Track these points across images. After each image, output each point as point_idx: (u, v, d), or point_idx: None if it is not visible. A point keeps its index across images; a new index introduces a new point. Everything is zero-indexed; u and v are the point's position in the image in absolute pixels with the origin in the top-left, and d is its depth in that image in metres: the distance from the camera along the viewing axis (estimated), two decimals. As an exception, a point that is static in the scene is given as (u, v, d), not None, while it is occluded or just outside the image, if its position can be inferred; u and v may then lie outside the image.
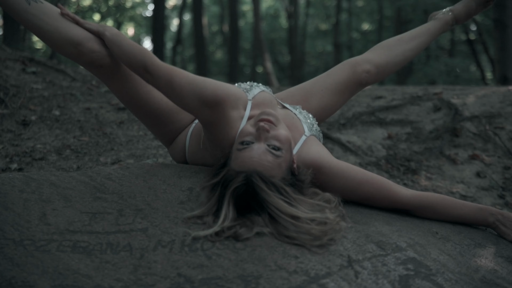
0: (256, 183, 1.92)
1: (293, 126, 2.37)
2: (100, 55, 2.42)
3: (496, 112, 4.86)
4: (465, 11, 3.12)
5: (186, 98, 2.23)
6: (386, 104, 5.41)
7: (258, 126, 2.09)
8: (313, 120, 2.53)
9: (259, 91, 2.46)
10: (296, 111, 2.52)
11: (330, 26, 24.78)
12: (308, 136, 2.38)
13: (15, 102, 4.33)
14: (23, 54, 5.86)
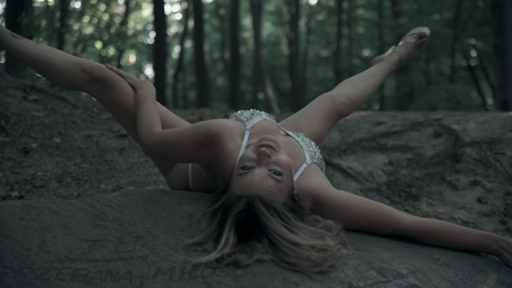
0: (257, 207, 1.92)
1: (294, 153, 2.37)
2: (101, 68, 2.61)
3: (497, 138, 4.87)
4: (406, 52, 3.56)
5: (182, 147, 2.32)
6: (387, 130, 5.41)
7: (259, 151, 2.10)
8: (315, 148, 2.52)
9: (260, 120, 2.48)
10: (299, 138, 2.52)
11: (331, 52, 24.88)
12: (309, 164, 2.37)
13: (16, 130, 4.33)
14: (25, 82, 5.88)
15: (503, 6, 8.66)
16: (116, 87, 2.60)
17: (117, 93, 2.60)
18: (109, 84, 2.60)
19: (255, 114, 2.54)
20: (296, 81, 21.72)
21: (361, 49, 25.75)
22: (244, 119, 2.49)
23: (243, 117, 2.50)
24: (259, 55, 16.04)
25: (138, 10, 24.45)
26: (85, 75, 2.60)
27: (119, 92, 2.60)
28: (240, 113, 2.58)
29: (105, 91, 2.60)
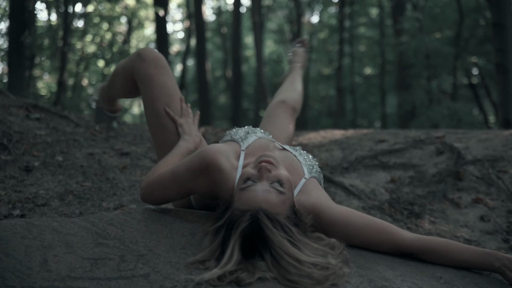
0: (262, 220, 1.92)
1: (292, 168, 2.37)
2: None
3: (499, 155, 4.87)
4: (301, 58, 4.05)
5: (180, 180, 2.31)
6: (388, 147, 5.41)
7: (259, 166, 2.10)
8: (313, 161, 2.53)
9: (255, 139, 2.48)
10: (296, 152, 2.53)
11: (332, 70, 24.92)
12: (308, 179, 2.38)
13: (18, 148, 4.34)
14: (27, 101, 5.90)
15: (504, 24, 8.69)
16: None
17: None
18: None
19: (250, 132, 2.54)
20: (298, 99, 21.71)
21: (363, 67, 25.82)
22: (238, 139, 2.48)
23: (237, 137, 2.50)
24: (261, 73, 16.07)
25: (140, 29, 24.54)
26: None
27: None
28: (235, 131, 2.58)
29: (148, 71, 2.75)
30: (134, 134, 5.89)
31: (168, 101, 2.71)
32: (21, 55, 11.01)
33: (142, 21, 22.54)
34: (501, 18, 8.74)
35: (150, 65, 2.72)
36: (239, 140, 2.48)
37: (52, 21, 17.17)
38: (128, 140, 5.48)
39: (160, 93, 2.71)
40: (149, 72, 2.71)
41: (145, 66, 2.72)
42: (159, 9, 16.54)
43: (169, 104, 2.70)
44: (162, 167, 2.41)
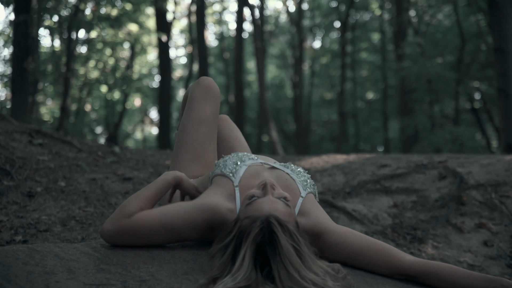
0: (274, 224, 1.92)
1: (288, 188, 2.38)
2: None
3: (501, 180, 4.86)
4: None
5: (173, 231, 2.26)
6: (391, 172, 5.41)
7: (263, 185, 2.13)
8: (305, 175, 2.53)
9: (245, 169, 2.46)
10: (288, 169, 2.52)
11: (335, 95, 25.01)
12: (305, 197, 2.38)
13: (21, 174, 4.35)
14: (30, 126, 5.91)
15: (505, 49, 8.72)
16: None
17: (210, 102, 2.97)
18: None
19: (238, 163, 2.49)
20: (300, 124, 21.80)
21: (365, 92, 25.90)
22: (229, 173, 2.43)
23: (228, 171, 2.45)
24: (263, 98, 16.12)
25: (143, 54, 24.68)
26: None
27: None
28: (223, 164, 2.51)
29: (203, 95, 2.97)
30: (137, 159, 5.90)
31: (199, 126, 2.89)
32: (25, 81, 11.07)
33: (145, 47, 22.68)
34: (502, 43, 8.78)
35: (201, 89, 2.95)
36: (229, 175, 2.42)
37: (56, 47, 17.28)
38: (131, 165, 5.48)
39: (195, 116, 2.90)
40: (197, 94, 2.95)
41: (197, 88, 2.96)
42: (162, 34, 16.65)
43: (197, 129, 2.87)
44: (133, 204, 2.26)
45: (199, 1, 18.65)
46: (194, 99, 2.93)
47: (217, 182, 2.42)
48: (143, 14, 19.61)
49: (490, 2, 8.83)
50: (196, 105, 2.90)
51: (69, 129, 15.52)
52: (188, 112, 2.92)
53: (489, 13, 9.20)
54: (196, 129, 2.86)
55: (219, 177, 2.45)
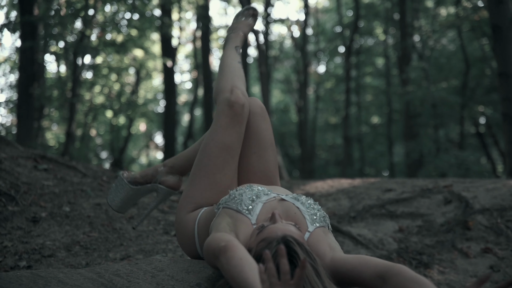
0: (291, 241, 1.93)
1: (295, 222, 2.36)
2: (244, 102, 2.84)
3: (507, 205, 4.84)
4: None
5: None
6: (396, 196, 5.40)
7: (271, 215, 2.14)
8: (316, 207, 2.50)
9: (261, 207, 2.42)
10: (298, 202, 2.49)
11: (339, 119, 25.01)
12: (312, 231, 2.34)
13: (26, 199, 4.35)
14: (35, 152, 5.93)
15: (510, 74, 8.73)
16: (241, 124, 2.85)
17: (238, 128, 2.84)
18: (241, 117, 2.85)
19: (254, 199, 2.45)
20: (305, 148, 21.80)
21: (370, 116, 25.90)
22: (245, 211, 2.38)
23: (244, 209, 2.40)
24: (268, 122, 16.12)
25: (148, 80, 24.78)
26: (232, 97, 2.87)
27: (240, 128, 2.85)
28: (239, 199, 2.46)
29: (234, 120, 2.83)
30: (142, 184, 5.89)
31: (222, 152, 2.77)
32: (30, 106, 11.11)
33: (150, 72, 22.78)
34: (507, 68, 8.78)
35: (231, 115, 2.80)
36: (246, 213, 2.37)
37: (62, 73, 17.38)
38: (135, 190, 5.48)
39: (220, 140, 2.78)
40: (225, 118, 2.81)
41: (227, 111, 2.81)
42: (167, 60, 16.73)
43: (220, 154, 2.76)
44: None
45: (204, 27, 18.76)
46: (221, 123, 2.81)
47: (234, 217, 2.37)
48: (149, 40, 19.71)
49: (494, 27, 8.85)
50: (223, 130, 2.79)
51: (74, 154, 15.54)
52: (213, 133, 2.81)
53: (493, 38, 9.21)
54: (218, 154, 2.76)
55: (234, 212, 2.40)
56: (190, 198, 2.75)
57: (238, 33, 3.42)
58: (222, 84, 2.98)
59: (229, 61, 3.18)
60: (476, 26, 15.63)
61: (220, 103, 2.86)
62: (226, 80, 3.00)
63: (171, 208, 4.97)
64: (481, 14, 15.17)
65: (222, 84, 2.99)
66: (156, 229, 4.29)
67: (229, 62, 3.17)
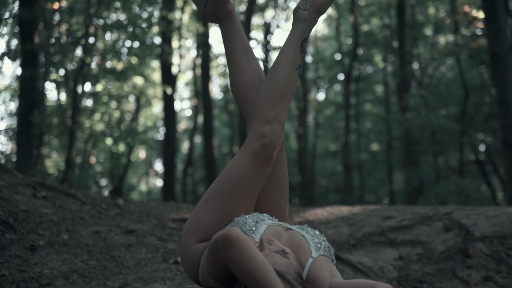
0: None
1: (300, 249, 2.35)
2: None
3: (507, 232, 4.82)
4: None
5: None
6: (396, 224, 5.38)
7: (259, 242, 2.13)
8: (321, 238, 2.50)
9: (265, 228, 2.43)
10: (303, 231, 2.50)
11: (339, 146, 25.06)
12: (316, 257, 2.35)
13: (24, 227, 4.34)
14: (34, 179, 5.92)
15: (509, 101, 8.75)
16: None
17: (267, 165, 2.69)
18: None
19: (258, 221, 2.47)
20: (305, 175, 21.80)
21: (370, 143, 25.96)
22: (249, 231, 2.41)
23: (248, 229, 2.42)
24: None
25: (148, 107, 24.86)
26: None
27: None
28: (243, 221, 2.48)
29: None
30: (140, 211, 5.89)
31: (246, 187, 2.65)
32: (30, 134, 11.12)
33: (150, 99, 22.86)
34: (506, 95, 8.80)
35: (265, 158, 2.67)
36: (250, 233, 2.39)
37: (62, 101, 17.43)
38: (134, 218, 5.47)
39: (247, 177, 2.65)
40: (259, 160, 2.66)
41: (263, 154, 2.66)
42: (167, 87, 16.79)
43: (241, 188, 2.64)
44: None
45: (204, 54, 18.87)
46: (256, 162, 2.65)
47: None
48: (149, 67, 19.82)
49: (493, 55, 8.88)
50: (252, 168, 2.64)
51: (74, 181, 15.54)
52: (243, 169, 2.64)
53: (492, 65, 9.25)
54: (243, 191, 2.63)
55: None
56: (201, 226, 2.63)
57: (313, 16, 2.83)
58: (267, 104, 2.72)
59: (286, 66, 2.77)
60: (475, 54, 15.72)
61: (256, 137, 2.69)
62: (273, 99, 2.73)
63: (170, 236, 4.96)
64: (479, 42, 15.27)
65: (266, 104, 2.73)
66: (155, 257, 4.27)
67: (285, 68, 2.77)
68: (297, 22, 2.82)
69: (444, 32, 20.34)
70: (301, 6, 2.83)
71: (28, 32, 11.25)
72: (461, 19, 17.83)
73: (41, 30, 13.27)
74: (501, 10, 8.81)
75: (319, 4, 2.80)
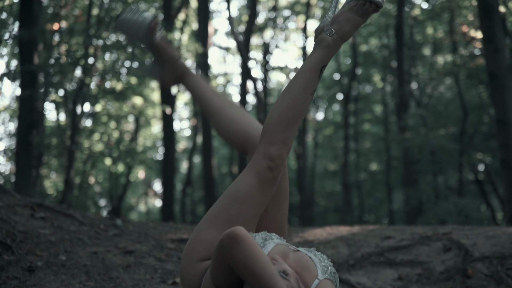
0: None
1: (306, 270, 2.35)
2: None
3: (507, 253, 4.81)
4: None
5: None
6: (395, 244, 5.37)
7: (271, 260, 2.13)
8: (328, 262, 2.49)
9: (273, 246, 2.42)
10: (311, 253, 2.50)
11: (338, 166, 25.07)
12: (321, 280, 2.34)
13: (22, 248, 4.32)
14: (32, 200, 5.91)
15: (507, 121, 8.77)
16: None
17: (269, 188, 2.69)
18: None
19: (267, 239, 2.47)
20: (304, 195, 21.77)
21: (369, 163, 25.97)
22: None
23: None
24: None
25: (147, 127, 24.88)
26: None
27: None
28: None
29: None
30: (139, 232, 5.87)
31: (253, 207, 2.64)
32: (29, 154, 11.11)
33: (149, 119, 22.89)
34: (504, 115, 8.82)
35: (272, 179, 2.67)
36: None
37: (61, 121, 17.46)
38: (133, 238, 5.45)
39: (254, 197, 2.64)
40: (266, 181, 2.66)
41: (269, 175, 2.66)
42: (166, 107, 16.83)
43: (249, 207, 2.63)
44: None
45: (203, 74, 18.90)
46: (263, 183, 2.64)
47: None
48: (148, 88, 19.86)
49: (491, 75, 8.92)
50: (263, 190, 2.64)
51: (72, 202, 15.51)
52: (250, 189, 2.63)
53: (490, 85, 9.29)
54: (251, 211, 2.63)
55: None
56: (206, 245, 2.59)
57: (336, 43, 2.74)
58: (277, 128, 2.68)
59: (301, 91, 2.70)
60: (473, 73, 15.78)
61: (263, 158, 2.66)
62: (284, 123, 2.68)
63: (168, 256, 4.94)
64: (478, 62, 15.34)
65: (276, 127, 2.68)
66: (153, 277, 4.26)
67: (300, 92, 2.70)
68: (319, 46, 2.74)
69: (443, 52, 20.43)
70: (325, 29, 2.76)
71: (28, 53, 11.30)
72: (459, 39, 17.93)
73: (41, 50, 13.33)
74: (499, 30, 8.86)
75: (344, 31, 2.73)
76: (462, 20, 17.62)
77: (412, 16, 19.14)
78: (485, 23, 8.95)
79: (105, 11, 14.32)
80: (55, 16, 14.81)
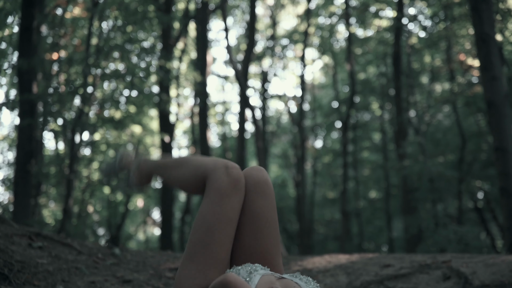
0: None
1: None
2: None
3: (507, 281, 4.79)
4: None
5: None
6: (394, 272, 5.35)
7: None
8: (314, 283, 2.49)
9: (259, 278, 2.41)
10: (296, 279, 2.49)
11: (337, 194, 25.03)
12: None
13: (19, 277, 4.30)
14: (30, 229, 5.89)
15: (506, 149, 8.78)
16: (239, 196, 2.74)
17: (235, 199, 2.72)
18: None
19: (252, 271, 2.46)
20: (303, 223, 21.72)
21: (368, 191, 25.94)
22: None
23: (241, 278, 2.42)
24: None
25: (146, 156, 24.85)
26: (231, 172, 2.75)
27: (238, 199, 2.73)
28: (236, 273, 2.46)
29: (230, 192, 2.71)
30: (137, 261, 5.85)
31: (227, 226, 2.65)
32: (27, 183, 11.10)
33: (148, 148, 22.89)
34: (503, 143, 8.84)
35: (230, 183, 2.68)
36: None
37: (60, 150, 17.46)
38: (131, 267, 5.43)
39: (224, 214, 2.64)
40: (225, 187, 2.68)
41: (226, 180, 2.69)
42: (165, 135, 16.85)
43: (224, 229, 2.64)
44: None
45: (201, 103, 18.97)
46: (223, 193, 2.66)
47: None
48: (147, 116, 19.91)
49: (489, 103, 8.96)
50: (226, 200, 2.65)
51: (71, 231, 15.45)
52: (214, 207, 2.64)
53: (488, 113, 9.32)
54: (222, 229, 2.63)
55: None
56: (193, 280, 2.59)
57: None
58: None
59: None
60: (471, 101, 15.84)
61: (217, 169, 2.74)
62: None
63: (166, 286, 4.92)
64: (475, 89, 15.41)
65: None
66: (151, 307, 4.24)
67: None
68: None
69: (440, 80, 20.52)
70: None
71: (27, 82, 11.33)
72: (456, 68, 18.02)
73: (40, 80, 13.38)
74: (496, 58, 8.92)
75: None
76: (459, 48, 17.73)
77: (410, 45, 19.24)
78: (482, 51, 9.01)
79: (104, 41, 14.39)
80: (54, 45, 14.92)
